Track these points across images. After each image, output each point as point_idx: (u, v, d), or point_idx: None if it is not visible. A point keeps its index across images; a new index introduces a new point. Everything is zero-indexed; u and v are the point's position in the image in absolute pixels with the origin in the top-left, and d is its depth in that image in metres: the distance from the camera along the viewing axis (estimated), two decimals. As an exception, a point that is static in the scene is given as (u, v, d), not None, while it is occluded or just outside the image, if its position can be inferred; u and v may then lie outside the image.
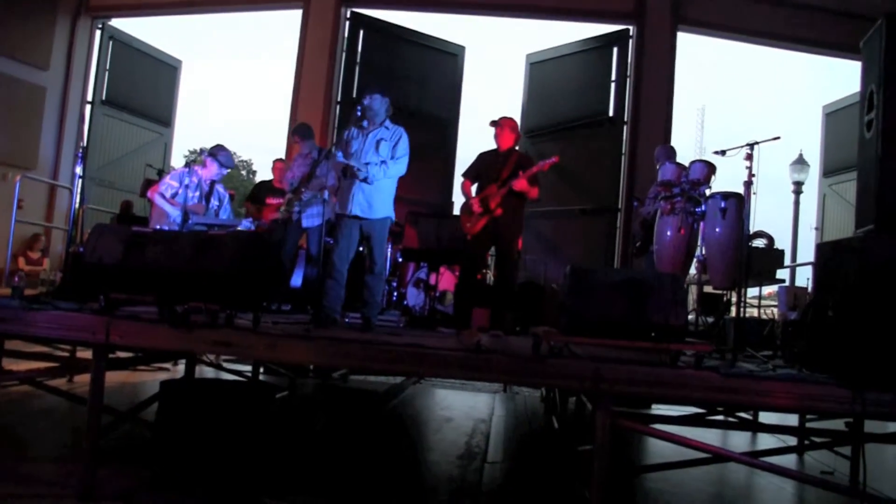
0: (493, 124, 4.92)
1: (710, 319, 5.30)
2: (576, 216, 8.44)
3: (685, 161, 5.67)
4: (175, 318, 3.12)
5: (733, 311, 4.28)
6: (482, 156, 4.96)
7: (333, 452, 4.14)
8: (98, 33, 9.59)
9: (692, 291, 6.26)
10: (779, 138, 4.02)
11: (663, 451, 4.47)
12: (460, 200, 5.04)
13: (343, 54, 8.90)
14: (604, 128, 8.49)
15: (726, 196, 4.53)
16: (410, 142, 4.57)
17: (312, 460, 3.92)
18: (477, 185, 4.90)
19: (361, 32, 9.01)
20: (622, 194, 8.21)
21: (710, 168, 5.19)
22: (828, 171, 9.45)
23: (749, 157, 3.89)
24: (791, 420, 4.58)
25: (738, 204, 4.38)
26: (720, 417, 4.16)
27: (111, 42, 9.47)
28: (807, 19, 8.45)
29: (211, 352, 4.63)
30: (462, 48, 9.49)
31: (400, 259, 6.55)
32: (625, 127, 8.36)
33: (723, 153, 4.17)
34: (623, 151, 8.32)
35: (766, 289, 5.90)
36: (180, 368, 6.23)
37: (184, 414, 3.26)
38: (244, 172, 33.30)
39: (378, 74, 8.69)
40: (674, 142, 8.01)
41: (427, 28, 9.32)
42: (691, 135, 46.27)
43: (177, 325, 3.10)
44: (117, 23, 9.72)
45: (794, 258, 10.93)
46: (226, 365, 6.14)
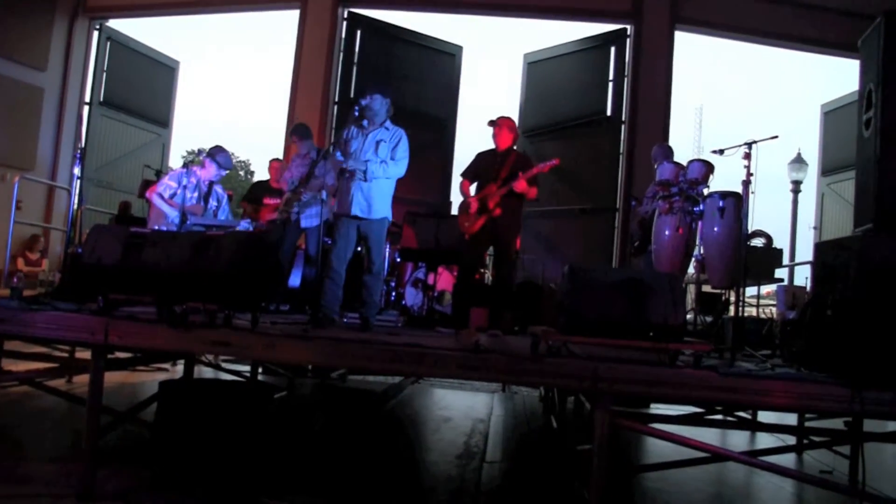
0: (492, 124, 4.91)
1: (709, 319, 5.30)
2: (574, 216, 8.45)
3: (683, 160, 5.67)
4: (174, 319, 3.12)
5: (732, 311, 4.29)
6: (480, 156, 4.95)
7: (332, 452, 4.14)
8: (96, 34, 9.61)
9: (690, 291, 6.25)
10: (777, 137, 4.00)
11: (662, 451, 4.46)
12: (458, 200, 5.04)
13: (340, 54, 8.91)
14: (602, 127, 8.51)
15: (724, 195, 4.52)
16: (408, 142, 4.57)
17: (311, 460, 3.91)
18: (475, 185, 4.90)
19: (359, 32, 9.02)
20: (620, 194, 8.23)
21: (709, 167, 5.20)
22: (826, 170, 9.46)
23: (747, 157, 3.88)
24: (790, 419, 4.57)
25: (737, 203, 4.37)
26: (719, 417, 4.14)
27: (109, 43, 9.48)
28: (805, 18, 8.47)
29: (209, 352, 4.65)
30: (459, 48, 9.50)
31: (398, 259, 6.54)
32: (623, 126, 8.38)
33: (721, 152, 4.15)
34: (621, 151, 8.35)
35: (765, 288, 5.92)
36: (179, 369, 6.21)
37: (183, 414, 3.26)
38: (242, 173, 33.23)
39: (375, 74, 8.70)
40: (672, 141, 8.04)
41: (424, 28, 9.36)
42: (689, 134, 46.41)
43: (175, 326, 3.10)
44: (115, 23, 9.73)
45: (793, 257, 10.93)
46: (224, 365, 6.14)
